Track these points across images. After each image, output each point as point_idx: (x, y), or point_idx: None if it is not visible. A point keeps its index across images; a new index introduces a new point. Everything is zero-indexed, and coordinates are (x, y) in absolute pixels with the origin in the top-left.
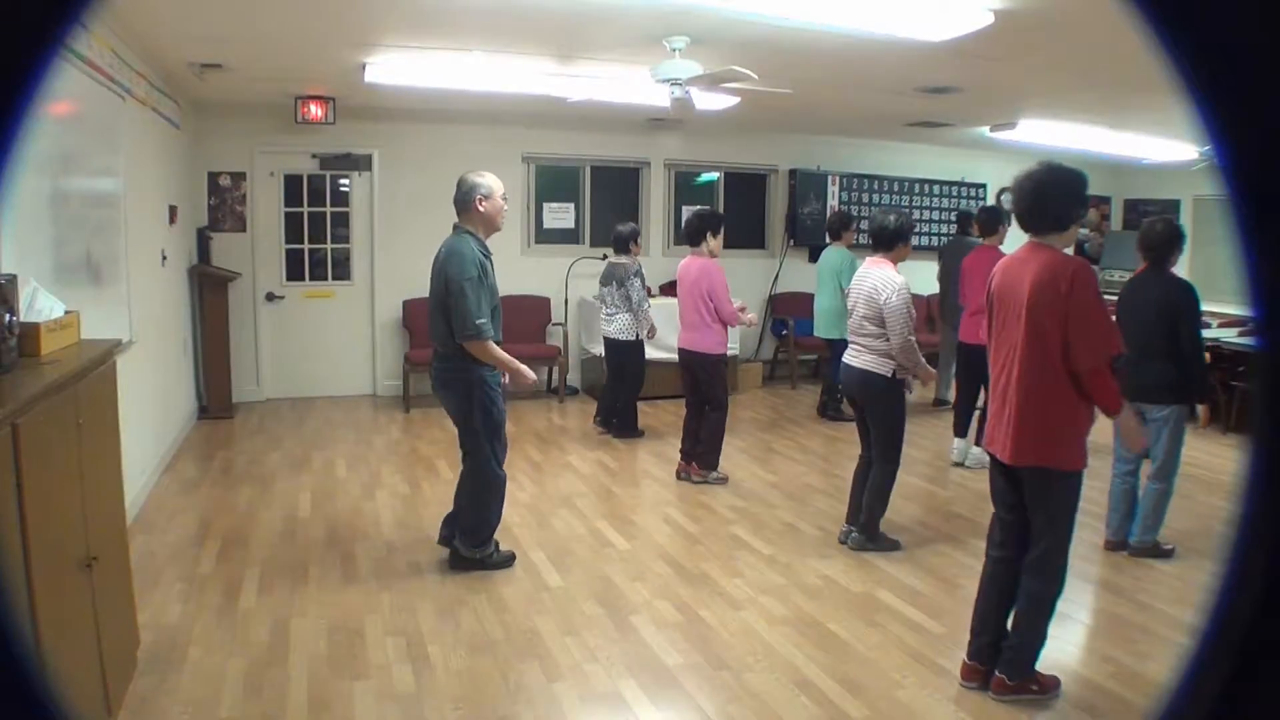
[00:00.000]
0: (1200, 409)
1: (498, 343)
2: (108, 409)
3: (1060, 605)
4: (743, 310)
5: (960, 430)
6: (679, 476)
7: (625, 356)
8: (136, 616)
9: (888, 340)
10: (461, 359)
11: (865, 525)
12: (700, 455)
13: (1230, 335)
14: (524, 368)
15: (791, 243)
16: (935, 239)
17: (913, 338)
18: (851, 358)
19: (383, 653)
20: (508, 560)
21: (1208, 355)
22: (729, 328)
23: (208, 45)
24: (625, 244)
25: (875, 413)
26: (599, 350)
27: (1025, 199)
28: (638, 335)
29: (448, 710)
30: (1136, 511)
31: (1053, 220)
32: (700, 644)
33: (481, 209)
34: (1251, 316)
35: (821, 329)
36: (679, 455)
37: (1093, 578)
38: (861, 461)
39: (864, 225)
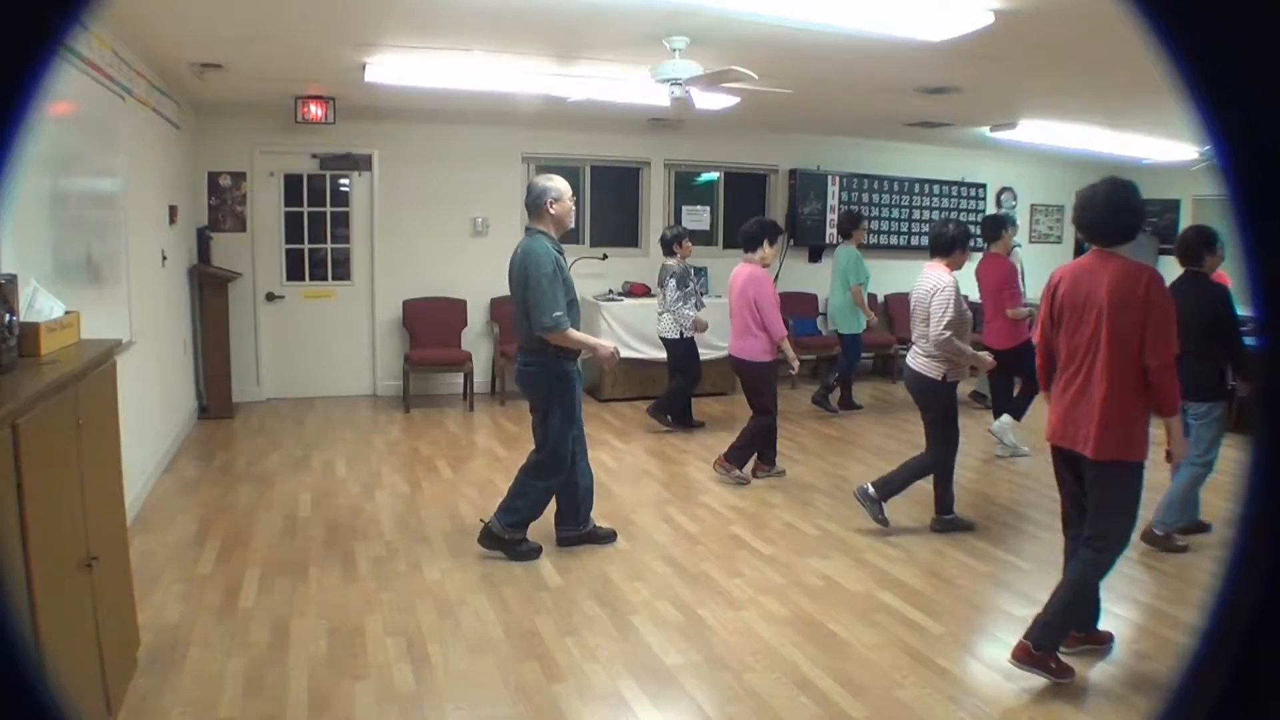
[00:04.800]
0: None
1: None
2: (108, 409)
3: None
4: (793, 361)
5: (1015, 412)
6: (755, 475)
7: (674, 353)
8: (136, 616)
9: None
10: (542, 354)
11: (940, 505)
12: (733, 449)
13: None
14: (604, 342)
15: (792, 243)
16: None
17: (949, 334)
18: (910, 359)
19: (383, 653)
20: (534, 552)
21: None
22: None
23: (208, 45)
24: (669, 247)
25: (925, 415)
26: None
27: (1095, 214)
28: (681, 334)
29: (448, 710)
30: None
31: (1121, 233)
32: (700, 644)
33: (552, 211)
34: (1251, 316)
35: (834, 324)
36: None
37: None
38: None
39: (867, 224)
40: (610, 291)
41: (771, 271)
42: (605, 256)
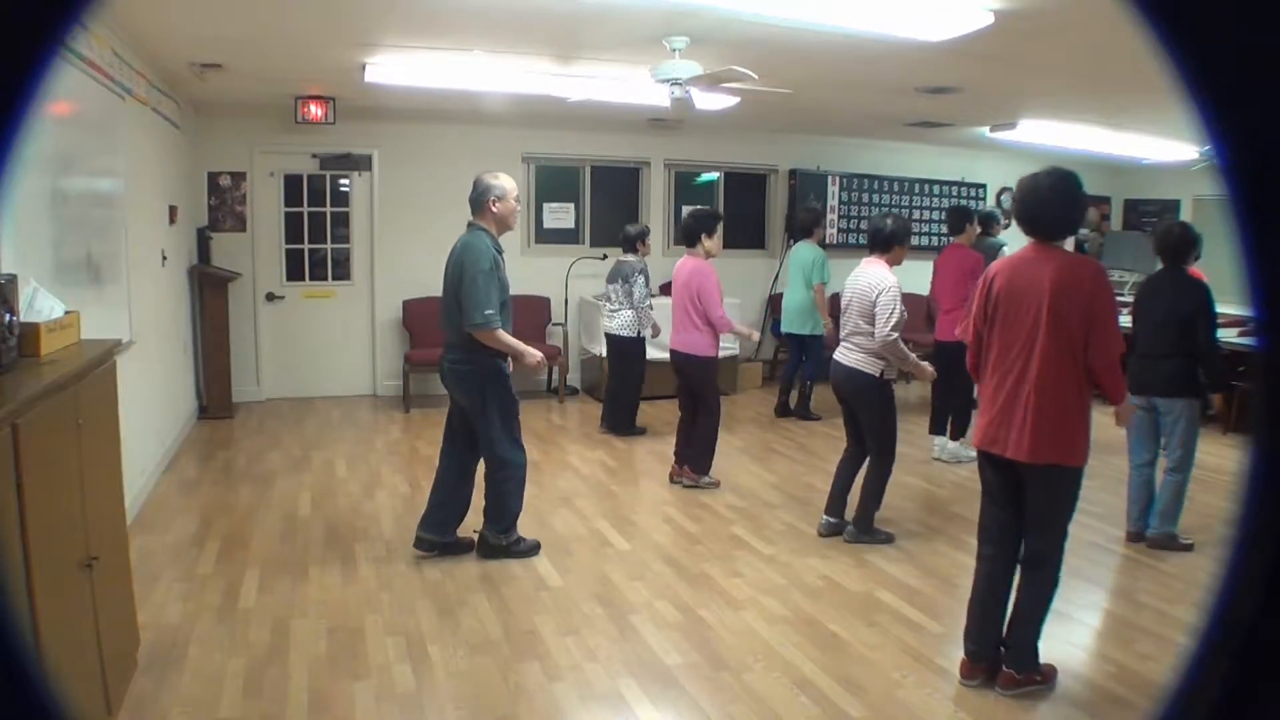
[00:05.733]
0: (1215, 398)
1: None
2: (108, 409)
3: (1061, 605)
4: (750, 334)
5: (938, 429)
6: (672, 480)
7: (626, 352)
8: (136, 616)
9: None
10: (472, 351)
11: (859, 520)
12: (691, 459)
13: (1230, 335)
14: (531, 349)
15: (792, 243)
16: (936, 239)
17: (895, 335)
18: (842, 355)
19: (383, 653)
20: (533, 549)
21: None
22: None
23: (208, 45)
24: (633, 243)
25: (863, 412)
26: (598, 350)
27: (1038, 207)
28: (639, 332)
29: (448, 710)
30: (1154, 504)
31: (1062, 226)
32: (700, 644)
33: (495, 209)
34: (1252, 316)
35: (790, 325)
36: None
37: (1091, 577)
38: (846, 454)
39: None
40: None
41: (771, 271)
42: (605, 256)
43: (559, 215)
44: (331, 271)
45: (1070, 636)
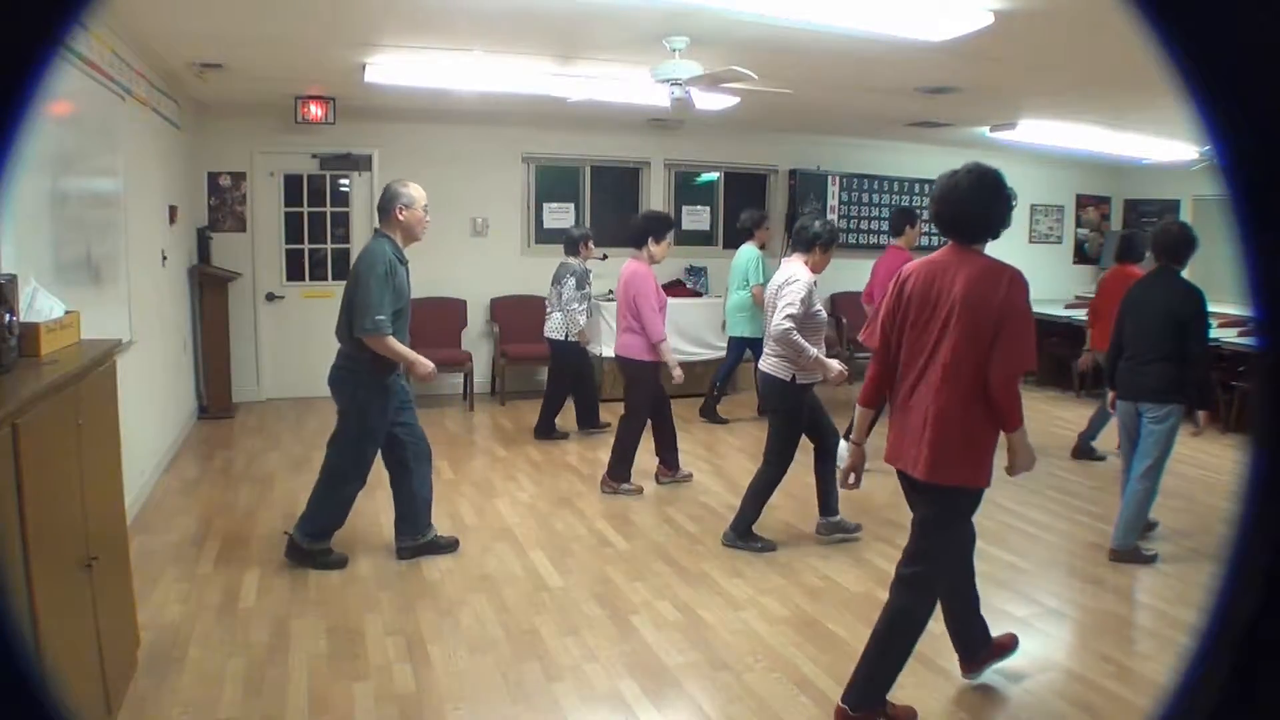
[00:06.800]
0: (1200, 415)
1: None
2: (108, 409)
3: (1059, 605)
4: (676, 374)
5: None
6: (658, 480)
7: (558, 355)
8: (136, 616)
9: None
10: (357, 360)
11: (737, 524)
12: (610, 465)
13: (1230, 335)
14: (422, 359)
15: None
16: (936, 239)
17: (789, 325)
18: (762, 360)
19: (383, 653)
20: (340, 562)
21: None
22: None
23: (208, 45)
24: (575, 246)
25: (771, 415)
26: (599, 350)
27: (958, 206)
28: (567, 335)
29: (448, 710)
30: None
31: (987, 227)
32: (700, 644)
33: (401, 217)
34: (1251, 316)
35: (731, 327)
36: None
37: (1091, 578)
38: (815, 455)
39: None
40: (610, 292)
41: (771, 271)
42: (605, 257)
43: (559, 215)
44: (331, 271)
45: (1069, 636)
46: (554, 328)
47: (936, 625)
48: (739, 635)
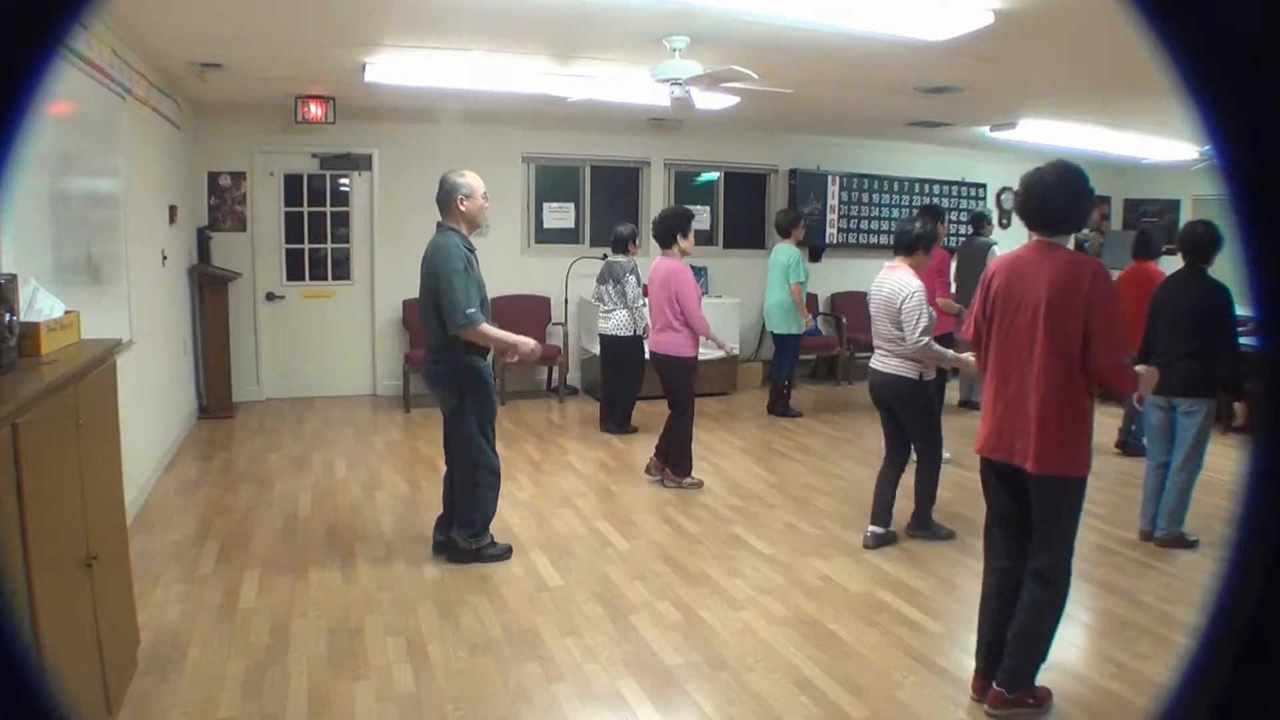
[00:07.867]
0: (1237, 407)
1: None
2: (108, 409)
3: None
4: (728, 348)
5: None
6: (648, 472)
7: (623, 352)
8: (136, 616)
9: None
10: (453, 352)
11: (918, 518)
12: (672, 463)
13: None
14: (523, 338)
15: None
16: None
17: (926, 339)
18: (878, 363)
19: (383, 653)
20: (504, 553)
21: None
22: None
23: (208, 45)
24: (624, 244)
25: (906, 413)
26: (598, 350)
27: (1040, 200)
28: (634, 331)
29: (448, 710)
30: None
31: (1068, 221)
32: (700, 644)
33: (463, 208)
34: (1252, 316)
35: (773, 324)
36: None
37: (1093, 577)
38: (885, 463)
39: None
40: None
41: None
42: (606, 256)
43: (559, 215)
44: (331, 271)
45: (1069, 636)
46: (620, 325)
47: (937, 625)
48: (739, 635)
